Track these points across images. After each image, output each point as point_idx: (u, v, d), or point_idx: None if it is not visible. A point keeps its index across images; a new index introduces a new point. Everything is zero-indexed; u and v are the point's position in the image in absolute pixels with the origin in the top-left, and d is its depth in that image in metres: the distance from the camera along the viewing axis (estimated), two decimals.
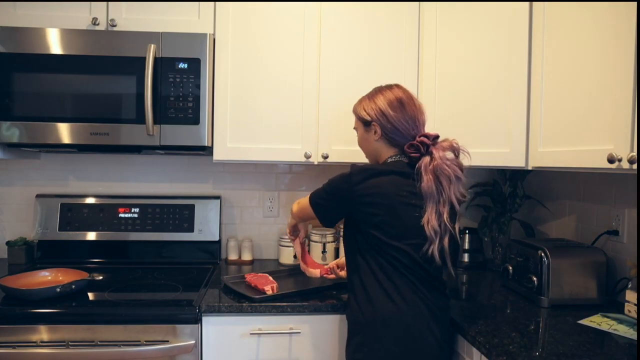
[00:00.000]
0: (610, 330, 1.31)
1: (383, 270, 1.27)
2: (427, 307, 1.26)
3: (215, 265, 2.08)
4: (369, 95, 1.42)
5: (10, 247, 2.01)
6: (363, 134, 1.42)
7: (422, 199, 1.26)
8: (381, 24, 1.90)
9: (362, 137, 1.43)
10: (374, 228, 1.26)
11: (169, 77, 1.76)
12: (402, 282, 1.26)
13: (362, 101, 1.42)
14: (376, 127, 1.36)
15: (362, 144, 1.45)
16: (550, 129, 1.52)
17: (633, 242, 1.55)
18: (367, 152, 1.45)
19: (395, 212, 1.25)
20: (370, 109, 1.37)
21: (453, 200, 1.26)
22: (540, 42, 1.56)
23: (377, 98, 1.37)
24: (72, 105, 1.73)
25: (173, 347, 1.45)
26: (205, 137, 1.78)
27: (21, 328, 1.43)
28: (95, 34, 1.75)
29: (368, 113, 1.38)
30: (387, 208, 1.25)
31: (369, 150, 1.43)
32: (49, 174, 2.17)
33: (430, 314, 1.27)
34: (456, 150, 1.32)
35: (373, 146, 1.40)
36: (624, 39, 1.20)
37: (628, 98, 1.18)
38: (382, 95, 1.37)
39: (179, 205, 2.11)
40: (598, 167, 1.27)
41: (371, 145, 1.40)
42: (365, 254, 1.30)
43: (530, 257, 1.61)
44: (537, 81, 1.58)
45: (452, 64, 1.82)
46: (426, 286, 1.28)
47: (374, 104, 1.37)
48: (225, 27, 1.85)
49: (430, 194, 1.25)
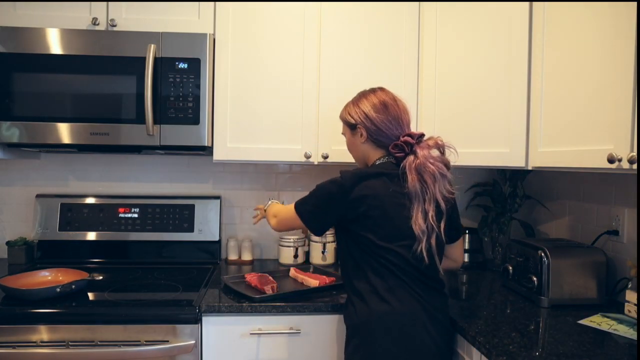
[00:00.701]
0: (610, 330, 1.31)
1: (376, 272, 1.27)
2: (422, 307, 1.26)
3: (215, 265, 2.08)
4: (354, 100, 1.45)
5: (10, 247, 2.01)
6: (350, 138, 1.46)
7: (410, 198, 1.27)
8: (381, 24, 1.90)
9: (350, 141, 1.46)
10: (366, 231, 1.27)
11: (169, 77, 1.76)
12: (395, 283, 1.26)
13: (347, 106, 1.46)
14: (362, 130, 1.39)
15: (351, 148, 1.48)
16: (550, 129, 1.52)
17: (633, 242, 1.55)
18: (356, 156, 1.48)
19: (386, 213, 1.26)
20: (354, 112, 1.41)
21: (438, 197, 1.26)
22: (540, 42, 1.56)
23: (361, 102, 1.41)
24: (72, 105, 1.73)
25: (173, 347, 1.45)
26: (205, 137, 1.78)
27: (21, 328, 1.43)
28: (95, 34, 1.75)
29: (352, 117, 1.41)
30: (380, 210, 1.26)
31: (357, 153, 1.45)
32: (49, 174, 2.18)
33: (426, 314, 1.27)
34: (441, 147, 1.32)
35: (360, 149, 1.42)
36: (624, 39, 1.20)
37: (628, 98, 1.18)
38: (365, 99, 1.41)
39: (179, 205, 2.11)
40: (598, 167, 1.27)
41: (359, 149, 1.43)
42: (357, 257, 1.30)
43: (530, 257, 1.61)
44: (537, 81, 1.58)
45: (452, 64, 1.82)
46: (420, 286, 1.28)
47: (358, 108, 1.40)
48: (225, 27, 1.85)
49: (416, 192, 1.26)
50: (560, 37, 1.48)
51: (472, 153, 1.77)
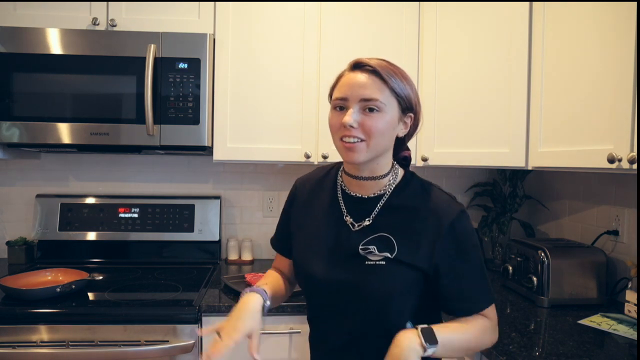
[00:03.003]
0: (610, 330, 1.31)
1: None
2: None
3: (215, 265, 2.08)
4: (401, 71, 0.99)
5: (10, 247, 2.01)
6: (391, 120, 0.96)
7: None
8: (381, 24, 1.90)
9: (390, 122, 0.96)
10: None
11: (169, 77, 1.76)
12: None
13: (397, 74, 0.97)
14: (410, 118, 1.00)
15: (384, 131, 0.95)
16: (550, 129, 1.52)
17: (633, 242, 1.55)
18: (382, 145, 0.97)
19: None
20: (414, 90, 1.00)
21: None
22: (540, 42, 1.56)
23: (411, 81, 1.01)
24: (72, 105, 1.73)
25: (173, 347, 1.45)
26: (205, 137, 1.78)
27: (21, 328, 1.43)
28: (95, 34, 1.75)
29: (412, 95, 0.99)
30: None
31: (387, 143, 0.99)
32: (49, 174, 2.17)
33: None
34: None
35: (391, 142, 1.01)
36: (624, 39, 1.20)
37: (628, 98, 1.18)
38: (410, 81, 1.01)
39: (179, 205, 2.11)
40: (598, 167, 1.27)
41: (391, 139, 1.00)
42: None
43: (530, 257, 1.61)
44: (537, 81, 1.58)
45: (452, 64, 1.82)
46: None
47: (414, 88, 1.00)
48: (225, 27, 1.85)
49: None
50: (560, 37, 1.48)
51: (472, 153, 1.77)
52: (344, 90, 0.96)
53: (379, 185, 1.01)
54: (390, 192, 1.01)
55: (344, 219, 1.03)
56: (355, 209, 1.02)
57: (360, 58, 0.98)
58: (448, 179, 2.32)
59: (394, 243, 0.97)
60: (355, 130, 0.93)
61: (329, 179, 1.11)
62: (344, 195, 1.05)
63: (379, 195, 1.01)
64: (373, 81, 0.94)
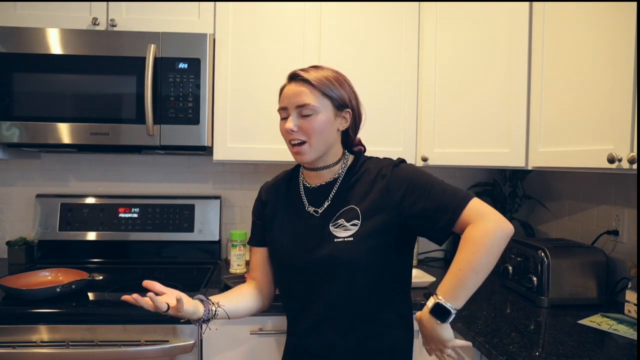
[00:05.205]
0: (610, 330, 1.31)
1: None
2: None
3: (215, 265, 2.08)
4: (335, 72, 1.14)
5: (10, 247, 2.01)
6: (328, 117, 1.09)
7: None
8: (381, 24, 1.90)
9: (327, 120, 1.09)
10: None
11: (169, 77, 1.76)
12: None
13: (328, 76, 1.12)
14: (348, 114, 1.14)
15: (324, 129, 1.09)
16: (550, 129, 1.52)
17: (633, 242, 1.55)
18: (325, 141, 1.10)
19: None
20: (347, 88, 1.14)
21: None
22: (540, 42, 1.56)
23: (345, 79, 1.16)
24: (72, 105, 1.73)
25: (173, 347, 1.45)
26: (205, 137, 1.78)
27: (21, 328, 1.43)
28: (95, 34, 1.75)
29: (345, 92, 1.13)
30: None
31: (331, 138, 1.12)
32: (49, 174, 2.17)
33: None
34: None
35: (334, 136, 1.13)
36: (624, 39, 1.20)
37: (628, 98, 1.18)
38: (345, 78, 1.16)
39: (179, 205, 2.11)
40: (598, 167, 1.27)
41: (333, 135, 1.13)
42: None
43: (530, 257, 1.61)
44: (537, 81, 1.58)
45: (452, 63, 1.82)
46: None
47: (348, 86, 1.15)
48: (225, 27, 1.85)
49: None
50: (560, 37, 1.48)
51: (472, 153, 1.77)
52: (283, 101, 1.12)
53: (332, 171, 1.16)
54: (343, 174, 1.15)
55: (307, 210, 1.16)
56: (316, 198, 1.16)
57: (294, 70, 1.13)
58: (448, 179, 2.28)
59: (358, 210, 1.09)
60: (297, 133, 1.09)
61: (293, 178, 1.25)
62: (305, 189, 1.19)
63: (334, 179, 1.15)
64: (305, 88, 1.09)
